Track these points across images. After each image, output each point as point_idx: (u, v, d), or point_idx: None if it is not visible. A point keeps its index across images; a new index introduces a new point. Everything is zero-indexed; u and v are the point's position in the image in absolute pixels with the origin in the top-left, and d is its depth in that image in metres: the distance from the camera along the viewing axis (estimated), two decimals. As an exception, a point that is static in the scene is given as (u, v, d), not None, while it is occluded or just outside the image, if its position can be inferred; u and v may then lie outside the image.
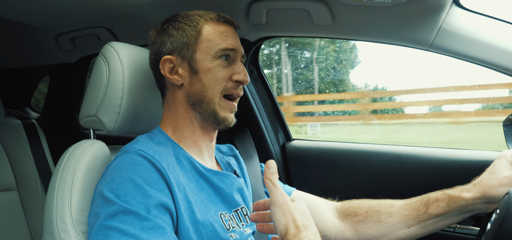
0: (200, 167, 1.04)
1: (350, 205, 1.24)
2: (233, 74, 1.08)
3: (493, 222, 0.96)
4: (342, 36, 1.47)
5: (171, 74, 1.07)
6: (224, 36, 1.07)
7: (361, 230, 1.19)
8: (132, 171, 0.89)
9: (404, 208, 1.15)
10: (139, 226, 0.82)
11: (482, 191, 1.04)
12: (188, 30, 1.06)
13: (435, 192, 1.13)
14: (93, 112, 1.13)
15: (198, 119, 1.09)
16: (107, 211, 0.84)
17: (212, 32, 1.07)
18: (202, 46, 1.06)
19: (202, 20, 1.08)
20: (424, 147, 1.60)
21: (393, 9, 1.21)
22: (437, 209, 1.09)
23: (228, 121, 1.09)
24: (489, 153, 1.41)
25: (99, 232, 0.83)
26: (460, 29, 1.19)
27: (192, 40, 1.06)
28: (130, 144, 1.01)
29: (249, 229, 1.05)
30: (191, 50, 1.06)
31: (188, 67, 1.06)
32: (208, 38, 1.06)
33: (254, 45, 1.65)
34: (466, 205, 1.06)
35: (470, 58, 1.21)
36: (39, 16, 1.54)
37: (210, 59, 1.05)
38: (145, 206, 0.85)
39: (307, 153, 1.81)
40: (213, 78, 1.05)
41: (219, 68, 1.06)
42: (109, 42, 1.17)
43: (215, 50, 1.05)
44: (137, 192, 0.86)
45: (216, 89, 1.05)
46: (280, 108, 1.91)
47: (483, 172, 1.07)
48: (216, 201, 1.02)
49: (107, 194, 0.86)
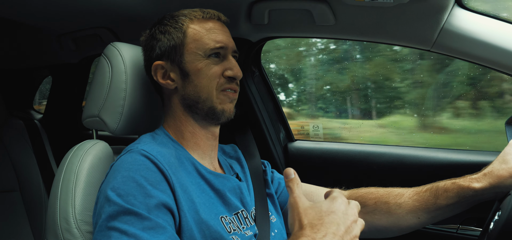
0: (201, 169, 1.04)
1: (358, 195, 1.23)
2: (225, 70, 1.06)
3: (495, 223, 0.96)
4: (344, 37, 1.47)
5: (163, 79, 1.07)
6: (212, 34, 1.06)
7: (371, 220, 1.18)
8: (134, 170, 0.89)
9: (413, 198, 1.14)
10: (140, 226, 0.82)
11: (492, 182, 1.03)
12: (174, 33, 1.06)
13: (444, 181, 1.11)
14: (96, 113, 1.13)
15: (197, 119, 1.08)
16: (108, 211, 0.85)
17: (199, 31, 1.05)
18: (189, 48, 1.05)
19: (187, 20, 1.07)
20: (426, 148, 1.60)
21: (395, 9, 1.21)
22: (447, 200, 1.08)
23: (228, 113, 1.08)
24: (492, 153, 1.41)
25: (100, 233, 0.84)
26: (462, 29, 1.19)
27: (179, 43, 1.05)
28: (133, 144, 1.01)
29: (250, 231, 1.05)
30: (179, 53, 1.05)
31: (178, 70, 1.06)
32: (195, 38, 1.05)
33: (256, 45, 1.65)
34: (475, 195, 1.05)
35: (473, 58, 1.21)
36: (41, 16, 1.55)
37: (199, 59, 1.04)
38: (146, 206, 0.85)
39: (309, 154, 1.81)
40: (205, 77, 1.04)
41: (209, 66, 1.05)
42: (111, 43, 1.17)
43: (203, 49, 1.04)
44: (138, 192, 0.86)
45: (210, 87, 1.04)
46: (282, 108, 1.91)
47: (493, 161, 1.06)
48: (217, 204, 1.02)
49: (109, 194, 0.86)
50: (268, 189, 1.24)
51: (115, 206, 0.84)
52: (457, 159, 1.47)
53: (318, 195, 1.26)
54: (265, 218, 1.12)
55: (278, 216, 1.21)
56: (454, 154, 1.50)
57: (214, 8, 1.12)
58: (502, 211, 0.95)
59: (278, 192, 1.29)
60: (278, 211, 1.23)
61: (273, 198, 1.24)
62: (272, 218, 1.16)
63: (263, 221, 1.11)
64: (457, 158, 1.47)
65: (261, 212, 1.13)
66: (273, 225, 1.14)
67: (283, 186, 1.30)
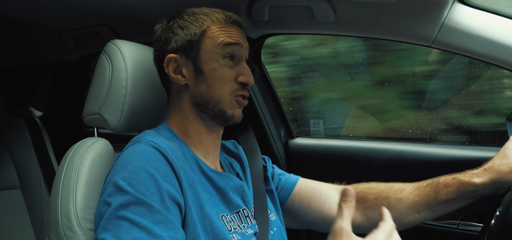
0: (204, 167, 1.04)
1: (358, 190, 1.23)
2: (238, 75, 1.07)
3: (496, 218, 0.96)
4: (344, 33, 1.46)
5: (175, 73, 1.06)
6: (230, 38, 1.06)
7: (371, 215, 1.19)
8: (145, 161, 0.88)
9: (414, 194, 1.14)
10: (151, 219, 0.81)
11: (492, 177, 1.03)
12: (193, 29, 1.05)
13: (445, 176, 1.11)
14: (97, 110, 1.13)
15: (205, 118, 1.08)
16: (119, 200, 0.83)
17: (218, 32, 1.05)
18: (207, 46, 1.04)
19: (208, 19, 1.06)
20: (427, 144, 1.60)
21: (395, 5, 1.20)
22: (447, 195, 1.08)
23: (236, 118, 1.08)
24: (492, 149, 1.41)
25: (109, 221, 0.82)
26: (463, 25, 1.18)
27: (197, 39, 1.04)
28: (140, 136, 1.00)
29: (251, 230, 1.05)
30: (195, 49, 1.04)
31: (192, 66, 1.05)
32: (214, 38, 1.05)
33: (256, 42, 1.65)
34: (476, 190, 1.05)
35: (473, 54, 1.21)
36: (43, 14, 1.55)
37: (215, 59, 1.04)
38: (158, 197, 0.84)
39: (309, 151, 1.81)
40: (219, 79, 1.04)
41: (224, 68, 1.05)
42: (112, 40, 1.17)
43: (221, 49, 1.04)
44: (150, 183, 0.85)
45: (223, 90, 1.04)
46: (282, 105, 1.91)
47: (494, 157, 1.06)
48: (218, 202, 1.02)
49: (120, 183, 0.85)
50: (268, 186, 1.24)
51: (126, 195, 0.83)
52: (457, 155, 1.47)
53: (319, 191, 1.26)
54: (264, 216, 1.12)
55: (277, 214, 1.22)
56: (454, 150, 1.50)
57: (214, 5, 1.12)
58: (503, 207, 0.95)
59: (279, 188, 1.29)
60: (277, 208, 1.23)
61: (273, 194, 1.24)
62: (271, 216, 1.16)
63: (262, 219, 1.11)
64: (457, 154, 1.47)
65: (260, 210, 1.13)
66: (272, 223, 1.14)
67: (284, 182, 1.30)
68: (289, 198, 1.28)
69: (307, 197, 1.27)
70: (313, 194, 1.26)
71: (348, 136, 2.28)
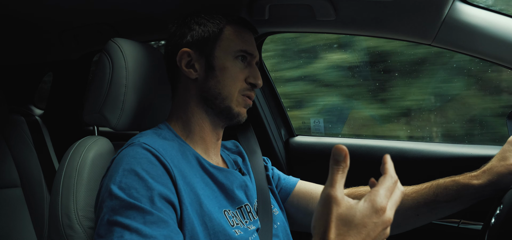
0: (205, 163, 1.05)
1: (357, 193, 1.23)
2: (248, 76, 1.10)
3: (497, 217, 0.96)
4: (345, 32, 1.46)
5: (187, 67, 1.09)
6: (244, 40, 1.11)
7: None
8: (135, 164, 0.89)
9: (413, 196, 1.14)
10: (142, 221, 0.82)
11: (491, 179, 1.03)
12: (210, 27, 1.09)
13: (444, 178, 1.11)
14: (97, 108, 1.14)
15: (210, 114, 1.10)
16: (110, 205, 0.85)
17: (233, 33, 1.09)
18: (222, 44, 1.08)
19: (225, 20, 1.10)
20: (428, 142, 1.60)
21: (395, 3, 1.20)
22: (446, 197, 1.08)
23: (241, 116, 1.11)
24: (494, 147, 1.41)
25: (102, 227, 0.84)
26: (463, 23, 1.18)
27: (213, 37, 1.08)
28: (134, 138, 1.02)
29: (253, 226, 1.06)
30: (210, 46, 1.08)
31: (205, 62, 1.08)
32: (229, 37, 1.09)
33: (256, 41, 1.64)
34: (475, 193, 1.05)
35: (474, 53, 1.21)
36: (43, 13, 1.55)
37: (228, 58, 1.08)
38: (148, 199, 0.85)
39: (310, 149, 1.81)
40: (230, 76, 1.07)
41: (235, 68, 1.08)
42: (112, 39, 1.17)
43: (234, 49, 1.08)
44: (140, 185, 0.86)
45: (233, 87, 1.08)
46: (283, 103, 1.91)
47: (493, 159, 1.06)
48: (220, 198, 1.02)
49: (111, 187, 0.87)
50: (269, 185, 1.25)
51: (117, 200, 0.84)
52: (458, 152, 1.47)
53: (318, 193, 1.26)
54: (268, 211, 1.13)
55: (280, 210, 1.22)
56: (455, 148, 1.50)
57: (215, 4, 1.12)
58: (503, 205, 0.95)
59: (278, 187, 1.29)
60: (280, 205, 1.24)
61: (274, 193, 1.25)
62: (274, 211, 1.16)
63: (265, 214, 1.11)
64: (458, 151, 1.47)
65: (263, 205, 1.13)
66: (276, 217, 1.15)
67: (283, 184, 1.31)
68: (288, 199, 1.28)
69: (305, 199, 1.27)
70: (311, 196, 1.26)
71: (349, 134, 2.28)
